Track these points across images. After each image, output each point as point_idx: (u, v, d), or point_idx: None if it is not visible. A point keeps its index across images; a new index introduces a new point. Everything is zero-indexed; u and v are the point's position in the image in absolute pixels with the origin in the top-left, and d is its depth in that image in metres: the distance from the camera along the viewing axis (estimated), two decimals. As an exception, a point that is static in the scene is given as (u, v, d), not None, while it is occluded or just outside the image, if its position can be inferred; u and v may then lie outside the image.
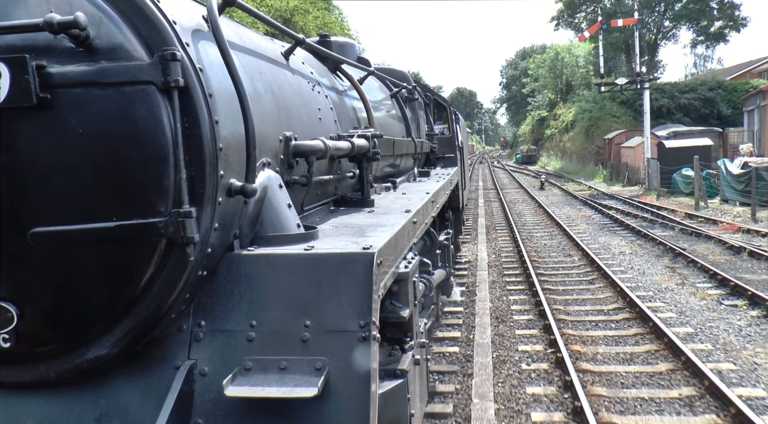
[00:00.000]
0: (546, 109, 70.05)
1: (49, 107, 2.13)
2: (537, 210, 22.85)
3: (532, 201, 26.03)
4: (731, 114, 38.34)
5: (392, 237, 2.87)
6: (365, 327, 2.31)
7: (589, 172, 40.43)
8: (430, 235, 5.69)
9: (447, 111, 11.68)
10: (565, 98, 63.21)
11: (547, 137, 62.75)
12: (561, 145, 54.61)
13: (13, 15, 2.16)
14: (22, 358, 2.39)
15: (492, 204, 25.71)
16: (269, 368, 2.30)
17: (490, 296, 10.13)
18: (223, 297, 2.44)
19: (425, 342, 3.89)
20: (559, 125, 56.87)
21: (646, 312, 8.46)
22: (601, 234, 16.53)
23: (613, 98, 43.40)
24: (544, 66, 67.92)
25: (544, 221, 19.55)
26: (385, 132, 5.07)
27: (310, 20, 28.19)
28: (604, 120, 43.51)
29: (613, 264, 12.33)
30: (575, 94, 58.05)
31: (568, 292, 10.51)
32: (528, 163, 61.82)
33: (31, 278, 2.29)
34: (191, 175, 2.23)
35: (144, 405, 2.37)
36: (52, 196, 2.20)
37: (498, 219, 20.53)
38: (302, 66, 4.04)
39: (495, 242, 15.68)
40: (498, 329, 8.45)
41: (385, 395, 2.75)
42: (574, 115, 51.10)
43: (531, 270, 11.54)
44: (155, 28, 2.21)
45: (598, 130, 43.28)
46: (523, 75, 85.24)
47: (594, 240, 15.49)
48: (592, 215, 20.58)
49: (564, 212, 21.95)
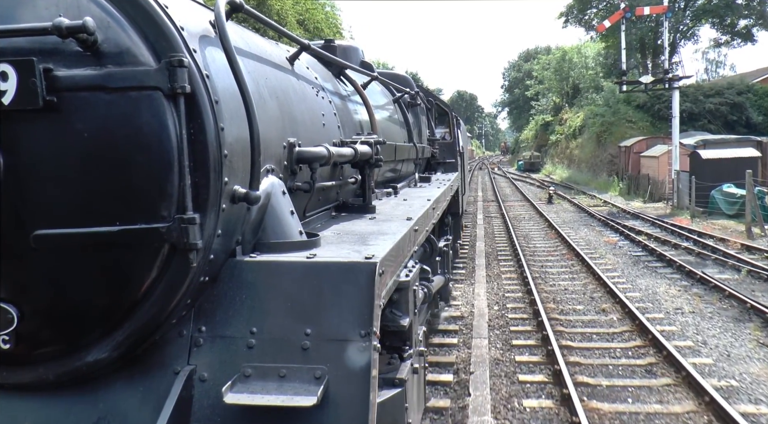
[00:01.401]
0: (551, 114, 65.93)
1: (55, 110, 2.13)
2: (548, 232, 18.55)
3: (541, 219, 21.76)
4: (762, 121, 34.33)
5: (394, 246, 2.87)
6: (366, 336, 2.31)
7: (602, 183, 35.80)
8: (430, 241, 5.69)
9: (448, 116, 11.70)
10: (571, 102, 59.15)
11: (551, 143, 58.39)
12: (568, 152, 50.32)
13: (21, 18, 2.16)
14: (22, 360, 2.38)
15: (493, 221, 21.50)
16: (269, 375, 2.30)
17: (493, 398, 6.18)
18: (224, 303, 2.44)
19: (423, 350, 3.89)
20: (565, 131, 52.84)
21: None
22: (638, 273, 12.30)
23: (629, 101, 39.51)
24: (549, 68, 64.59)
25: (558, 249, 15.36)
26: (387, 137, 5.07)
27: (288, 5, 25.29)
28: (619, 126, 38.96)
29: (673, 333, 8.28)
30: (584, 98, 53.64)
31: (616, 394, 6.37)
32: (531, 170, 57.94)
33: (32, 279, 2.28)
34: (195, 182, 2.23)
35: (142, 410, 2.37)
36: (56, 199, 2.20)
37: (501, 243, 16.53)
38: (307, 71, 4.05)
39: (497, 282, 11.75)
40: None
41: (383, 404, 2.75)
42: (583, 119, 47.21)
43: (554, 343, 7.51)
44: (163, 33, 2.22)
45: (611, 137, 38.82)
46: (527, 77, 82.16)
47: (632, 284, 11.29)
48: (619, 242, 16.27)
49: (581, 235, 17.76)
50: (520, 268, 12.74)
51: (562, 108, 61.07)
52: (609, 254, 14.56)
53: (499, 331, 8.61)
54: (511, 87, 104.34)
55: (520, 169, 61.00)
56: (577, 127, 48.39)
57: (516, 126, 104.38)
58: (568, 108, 57.89)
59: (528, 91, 75.55)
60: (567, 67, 60.60)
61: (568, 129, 51.12)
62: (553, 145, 56.99)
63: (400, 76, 8.66)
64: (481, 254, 14.60)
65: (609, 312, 9.46)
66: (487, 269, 12.88)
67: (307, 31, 26.71)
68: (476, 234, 17.97)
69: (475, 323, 8.72)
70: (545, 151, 60.89)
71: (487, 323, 8.85)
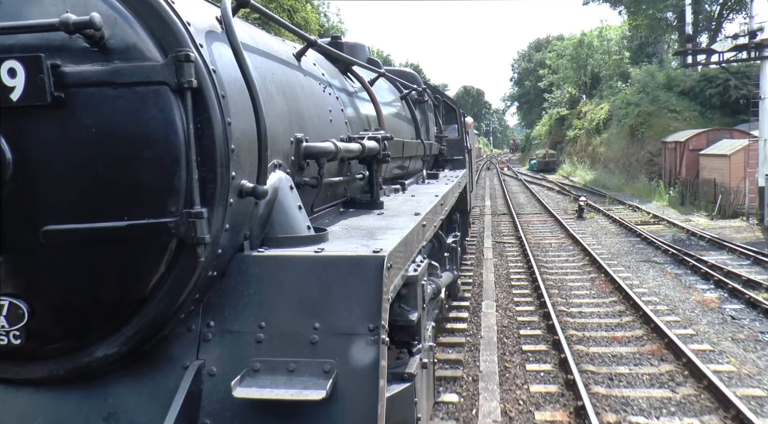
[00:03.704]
0: (566, 107, 58.26)
1: (63, 106, 2.14)
2: (594, 276, 11.72)
3: (576, 248, 14.66)
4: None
5: (402, 240, 2.87)
6: (374, 330, 2.30)
7: (641, 189, 28.06)
8: (438, 237, 5.68)
9: (456, 113, 11.67)
10: (589, 93, 53.06)
11: (569, 140, 51.27)
12: (590, 149, 43.45)
13: (29, 14, 2.17)
14: (33, 355, 2.40)
15: (507, 252, 14.46)
16: (278, 369, 2.30)
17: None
18: (232, 298, 2.45)
19: (432, 345, 3.88)
20: (586, 125, 45.64)
21: None
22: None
23: (670, 87, 32.93)
24: (565, 55, 57.69)
25: (623, 319, 8.90)
26: (394, 134, 5.07)
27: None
28: (659, 116, 31.56)
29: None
30: (606, 87, 47.21)
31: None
32: (546, 170, 50.50)
33: (42, 275, 2.29)
34: (203, 176, 2.23)
35: (152, 405, 2.38)
36: (64, 195, 2.21)
37: (523, 306, 9.70)
38: (314, 67, 4.05)
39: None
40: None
41: (392, 399, 2.74)
42: (609, 111, 40.48)
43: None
44: (169, 28, 2.22)
45: (650, 131, 31.47)
46: (539, 67, 75.03)
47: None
48: (725, 306, 9.46)
49: (650, 285, 10.92)
50: (566, 370, 6.82)
51: (579, 100, 55.66)
52: (722, 338, 8.03)
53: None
54: (521, 79, 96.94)
55: (533, 169, 53.84)
56: (601, 120, 41.86)
57: (526, 122, 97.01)
58: (587, 99, 52.33)
59: (541, 82, 69.00)
60: (585, 54, 54.53)
61: (590, 123, 44.60)
62: (571, 142, 50.37)
63: (407, 72, 8.65)
64: (491, 341, 7.78)
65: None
66: (502, 383, 6.58)
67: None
68: (483, 284, 10.96)
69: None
70: (561, 149, 54.08)
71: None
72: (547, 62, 64.78)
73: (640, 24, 41.66)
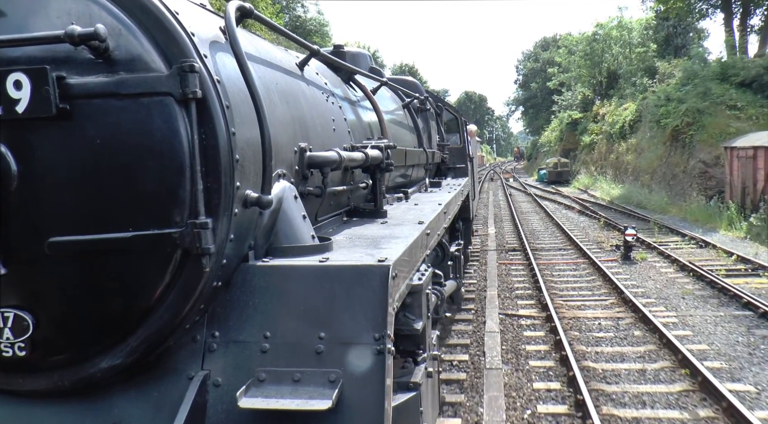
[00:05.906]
0: (578, 109, 50.84)
1: (68, 118, 2.14)
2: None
3: (649, 334, 7.98)
4: None
5: (406, 249, 2.86)
6: (380, 340, 2.30)
7: (697, 211, 20.23)
8: (441, 246, 5.67)
9: (458, 121, 11.69)
10: (605, 93, 46.76)
11: (584, 146, 44.24)
12: (612, 158, 36.34)
13: (34, 26, 2.18)
14: (37, 366, 2.39)
15: (525, 347, 7.67)
16: (283, 379, 2.29)
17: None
18: (237, 308, 2.44)
19: (437, 354, 3.87)
20: (606, 129, 39.02)
21: None
22: None
23: (725, 77, 25.77)
24: (577, 51, 51.14)
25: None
26: (397, 142, 5.07)
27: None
28: (715, 115, 24.16)
29: None
30: (629, 85, 40.76)
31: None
32: (558, 182, 43.08)
33: (47, 287, 2.29)
34: (207, 186, 2.23)
35: (157, 416, 2.37)
36: (69, 206, 2.21)
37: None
38: (316, 76, 4.06)
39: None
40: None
41: (398, 408, 2.73)
42: (636, 111, 33.67)
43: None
44: (174, 39, 2.23)
45: (702, 133, 23.95)
46: (548, 65, 68.55)
47: None
48: None
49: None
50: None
51: (593, 102, 49.20)
52: None
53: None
54: (526, 81, 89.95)
55: (542, 179, 46.49)
56: (626, 122, 34.90)
57: (532, 128, 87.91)
58: (604, 100, 46.03)
59: (550, 82, 61.50)
60: (600, 49, 48.10)
61: (611, 126, 37.95)
62: (587, 149, 43.52)
63: (409, 81, 8.67)
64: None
65: None
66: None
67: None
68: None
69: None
70: (575, 157, 46.91)
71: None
72: (557, 59, 58.18)
73: (672, 8, 35.05)
